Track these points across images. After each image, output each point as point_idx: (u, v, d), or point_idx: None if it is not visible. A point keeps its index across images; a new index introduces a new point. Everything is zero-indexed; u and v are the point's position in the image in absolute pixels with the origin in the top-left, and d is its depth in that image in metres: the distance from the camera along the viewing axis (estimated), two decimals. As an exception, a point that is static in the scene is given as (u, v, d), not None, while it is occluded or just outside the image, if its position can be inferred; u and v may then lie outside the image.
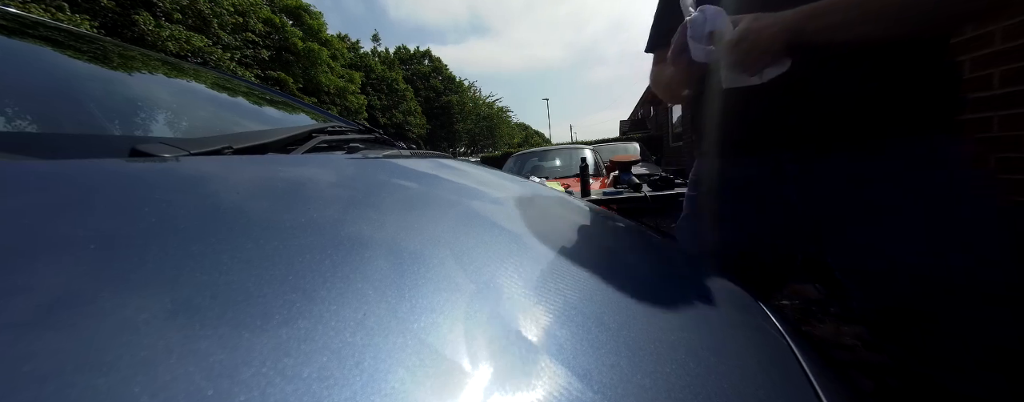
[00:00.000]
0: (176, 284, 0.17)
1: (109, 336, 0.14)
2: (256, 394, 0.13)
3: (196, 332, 0.15)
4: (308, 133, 0.57)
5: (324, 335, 0.16)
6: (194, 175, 0.30)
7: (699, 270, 0.47)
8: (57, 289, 0.15)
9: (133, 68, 0.64)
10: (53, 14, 8.08)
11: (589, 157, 3.49)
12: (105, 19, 9.63)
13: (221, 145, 0.40)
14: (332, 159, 0.48)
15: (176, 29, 10.78)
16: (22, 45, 0.52)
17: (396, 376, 0.15)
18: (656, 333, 0.27)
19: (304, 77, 15.92)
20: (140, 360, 0.13)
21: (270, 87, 1.03)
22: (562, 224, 0.47)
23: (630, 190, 2.17)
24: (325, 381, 0.14)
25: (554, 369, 0.19)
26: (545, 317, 0.22)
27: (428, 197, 0.40)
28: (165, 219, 0.22)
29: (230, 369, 0.14)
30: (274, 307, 0.17)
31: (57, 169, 0.26)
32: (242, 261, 0.20)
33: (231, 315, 0.16)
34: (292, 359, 0.14)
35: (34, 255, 0.17)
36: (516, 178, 0.71)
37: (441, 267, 0.24)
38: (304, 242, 0.23)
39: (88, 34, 0.73)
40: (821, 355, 0.41)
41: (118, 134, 0.45)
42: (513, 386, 0.17)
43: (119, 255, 0.18)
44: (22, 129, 0.39)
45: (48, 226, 0.19)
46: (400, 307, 0.19)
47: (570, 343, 0.21)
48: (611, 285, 0.31)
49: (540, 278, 0.27)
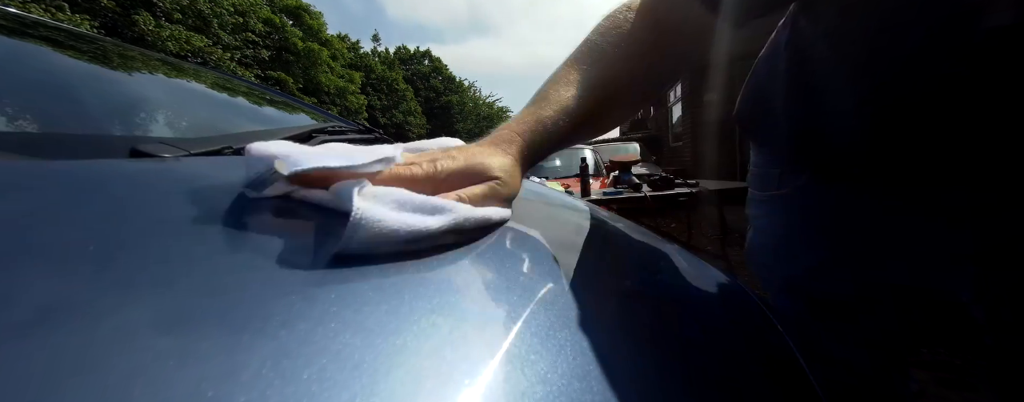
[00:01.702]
0: (176, 285, 0.17)
1: (109, 337, 0.14)
2: (256, 395, 0.13)
3: (196, 333, 0.15)
4: (308, 133, 0.57)
5: (324, 336, 0.16)
6: (194, 175, 0.30)
7: (699, 270, 0.47)
8: (57, 290, 0.15)
9: (133, 68, 0.64)
10: (53, 14, 8.08)
11: (589, 157, 3.50)
12: (105, 19, 9.63)
13: (221, 145, 0.40)
14: (332, 159, 0.47)
15: (176, 29, 10.78)
16: (22, 45, 0.52)
17: (396, 377, 0.15)
18: (656, 333, 0.27)
19: (304, 77, 15.91)
20: (140, 361, 0.13)
21: (270, 87, 1.03)
22: (562, 225, 0.47)
23: (630, 190, 2.17)
24: (325, 382, 0.14)
25: (554, 369, 0.18)
26: (545, 318, 0.22)
27: (428, 197, 0.40)
28: (165, 219, 0.22)
29: (230, 370, 0.14)
30: (274, 308, 0.17)
31: (57, 169, 0.26)
32: (242, 261, 0.20)
33: (231, 316, 0.16)
34: (292, 360, 0.14)
35: (34, 255, 0.17)
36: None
37: (441, 267, 0.24)
38: (304, 242, 0.23)
39: (88, 34, 0.73)
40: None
41: (118, 134, 0.45)
42: (513, 386, 0.17)
43: (119, 256, 0.18)
44: (22, 129, 0.39)
45: (48, 226, 0.19)
46: (400, 308, 0.19)
47: (570, 343, 0.21)
48: (611, 286, 0.31)
49: (540, 279, 0.27)
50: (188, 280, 0.17)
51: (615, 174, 2.37)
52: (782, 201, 0.52)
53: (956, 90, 0.34)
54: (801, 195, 0.50)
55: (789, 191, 0.51)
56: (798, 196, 0.50)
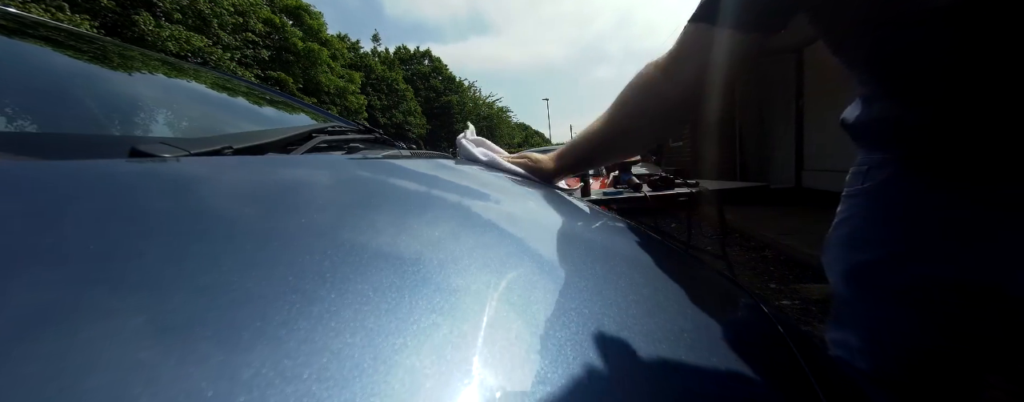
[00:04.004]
0: (176, 284, 0.17)
1: (109, 336, 0.14)
2: (256, 395, 0.13)
3: (196, 333, 0.15)
4: (308, 133, 0.57)
5: (324, 336, 0.16)
6: (194, 175, 0.30)
7: (699, 271, 0.47)
8: (57, 289, 0.15)
9: (133, 68, 0.64)
10: (53, 14, 8.08)
11: (589, 157, 3.48)
12: (105, 19, 9.63)
13: (221, 145, 0.40)
14: (332, 159, 0.48)
15: (176, 29, 10.78)
16: (22, 45, 0.52)
17: (396, 377, 0.15)
18: (656, 333, 0.27)
19: (304, 77, 15.91)
20: (140, 360, 0.13)
21: (270, 87, 1.03)
22: (562, 224, 0.47)
23: (630, 190, 2.17)
24: (325, 382, 0.14)
25: (554, 369, 0.18)
26: (545, 318, 0.22)
27: (428, 198, 0.40)
28: (165, 219, 0.22)
29: (230, 370, 0.14)
30: (274, 308, 0.17)
31: (57, 169, 0.26)
32: (242, 261, 0.20)
33: (231, 316, 0.16)
34: (292, 360, 0.14)
35: (34, 255, 0.17)
36: (516, 178, 0.71)
37: (441, 268, 0.24)
38: (304, 243, 0.23)
39: (88, 34, 0.73)
40: (821, 355, 0.41)
41: (118, 134, 0.45)
42: (513, 386, 0.17)
43: (119, 255, 0.18)
44: (22, 129, 0.39)
45: (48, 226, 0.19)
46: (400, 308, 0.19)
47: (570, 343, 0.21)
48: (611, 286, 0.31)
49: (540, 279, 0.27)
50: (188, 280, 0.17)
51: (615, 174, 2.36)
52: (864, 195, 0.54)
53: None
54: (883, 188, 0.52)
55: (873, 185, 0.53)
56: (881, 189, 0.52)
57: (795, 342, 0.36)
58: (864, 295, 0.53)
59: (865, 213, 0.54)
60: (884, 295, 0.51)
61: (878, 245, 0.51)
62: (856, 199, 0.55)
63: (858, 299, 0.54)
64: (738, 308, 0.41)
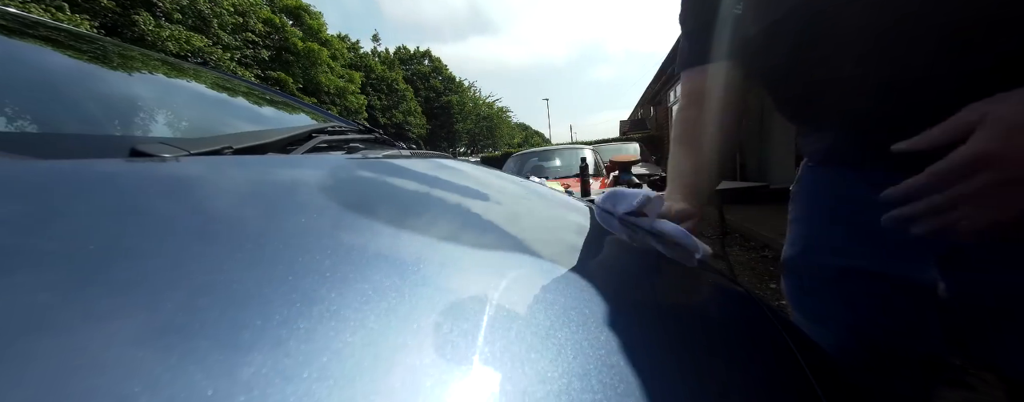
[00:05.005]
0: (176, 284, 0.17)
1: (109, 336, 0.14)
2: (256, 394, 0.13)
3: (196, 332, 0.15)
4: (308, 133, 0.57)
5: (324, 335, 0.16)
6: (194, 175, 0.30)
7: (699, 270, 0.47)
8: (57, 289, 0.15)
9: (133, 68, 0.64)
10: (53, 14, 8.08)
11: (589, 157, 3.49)
12: (105, 19, 9.63)
13: (221, 145, 0.40)
14: (332, 159, 0.48)
15: (176, 29, 10.78)
16: (22, 45, 0.52)
17: (396, 376, 0.15)
18: (656, 333, 0.27)
19: (304, 77, 15.92)
20: (140, 359, 0.13)
21: (270, 87, 1.03)
22: (562, 225, 0.47)
23: (630, 190, 2.17)
24: (325, 381, 0.14)
25: (554, 369, 0.19)
26: (545, 317, 0.22)
27: (428, 197, 0.40)
28: (165, 219, 0.22)
29: (230, 369, 0.14)
30: (274, 307, 0.17)
31: (57, 169, 0.26)
32: (242, 261, 0.20)
33: (231, 315, 0.16)
34: (292, 359, 0.14)
35: (34, 255, 0.17)
36: (516, 179, 0.71)
37: (441, 268, 0.24)
38: (304, 242, 0.23)
39: (88, 34, 0.73)
40: (821, 354, 0.41)
41: (118, 134, 0.45)
42: (513, 386, 0.17)
43: (119, 255, 0.18)
44: (22, 129, 0.39)
45: (48, 226, 0.19)
46: (400, 307, 0.19)
47: (570, 343, 0.21)
48: (611, 286, 0.31)
49: (540, 279, 0.27)
50: (188, 279, 0.17)
51: (615, 174, 2.37)
52: (794, 197, 0.60)
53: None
54: (799, 184, 0.58)
55: (796, 184, 0.59)
56: (799, 186, 0.59)
57: (795, 342, 0.36)
58: (805, 287, 0.57)
59: (792, 210, 0.60)
60: (815, 286, 0.55)
61: (796, 240, 0.57)
62: (792, 202, 0.62)
63: (805, 293, 0.57)
64: (738, 308, 0.41)
